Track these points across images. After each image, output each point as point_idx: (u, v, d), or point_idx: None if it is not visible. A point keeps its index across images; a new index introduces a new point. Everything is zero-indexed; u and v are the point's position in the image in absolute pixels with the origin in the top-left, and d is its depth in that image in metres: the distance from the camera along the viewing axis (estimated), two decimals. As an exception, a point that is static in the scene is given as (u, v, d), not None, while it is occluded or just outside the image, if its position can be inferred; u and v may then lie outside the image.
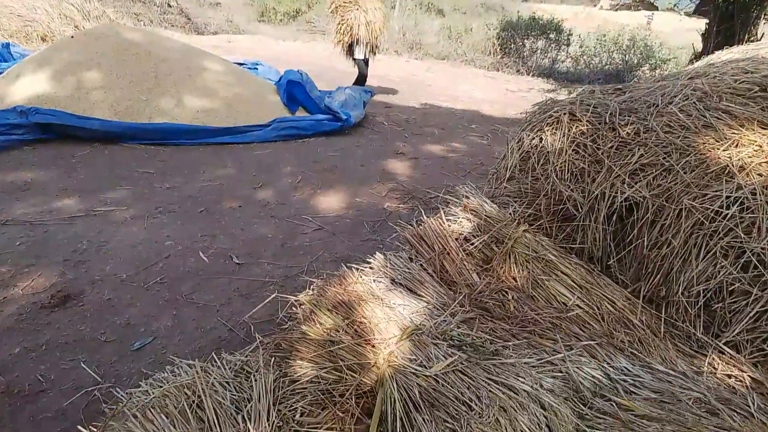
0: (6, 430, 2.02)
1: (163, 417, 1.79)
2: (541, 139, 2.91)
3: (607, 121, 2.80)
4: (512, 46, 14.51)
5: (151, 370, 2.28)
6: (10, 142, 4.82)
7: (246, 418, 1.80)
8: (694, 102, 2.69)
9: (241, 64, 8.12)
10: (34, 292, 2.77)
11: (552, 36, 14.20)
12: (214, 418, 1.79)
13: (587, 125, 2.83)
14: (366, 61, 8.50)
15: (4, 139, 4.79)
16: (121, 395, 1.93)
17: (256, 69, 8.48)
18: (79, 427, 1.89)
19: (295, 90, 6.59)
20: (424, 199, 4.47)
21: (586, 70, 13.82)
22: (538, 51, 14.35)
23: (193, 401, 1.85)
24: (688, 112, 2.64)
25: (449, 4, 24.72)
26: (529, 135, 2.98)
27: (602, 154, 2.68)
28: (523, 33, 14.35)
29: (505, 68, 13.98)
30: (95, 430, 1.86)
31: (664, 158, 2.49)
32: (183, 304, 2.80)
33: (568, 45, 14.39)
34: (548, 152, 2.85)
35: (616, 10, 26.92)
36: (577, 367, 2.15)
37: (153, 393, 1.88)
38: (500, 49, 14.66)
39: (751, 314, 2.18)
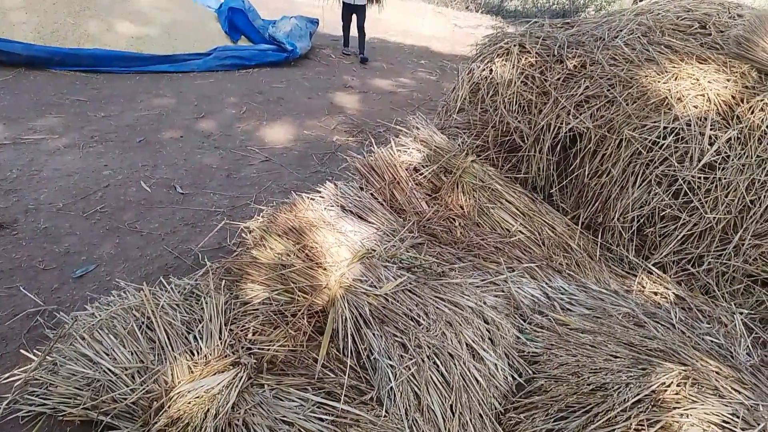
0: (-59, 357, 1.94)
1: (112, 337, 1.77)
2: (491, 70, 2.93)
3: (556, 53, 2.83)
4: (462, -18, 14.23)
5: (94, 296, 2.22)
6: None
7: (198, 338, 1.81)
8: (638, 36, 2.76)
9: (177, -11, 7.58)
10: (-40, 220, 2.61)
11: (501, -27, 14.02)
12: (165, 337, 1.78)
13: (536, 57, 2.85)
14: (361, 8, 6.73)
15: None
16: (66, 319, 1.88)
17: (195, -5, 7.95)
18: (23, 351, 1.86)
19: (236, 18, 6.26)
20: (373, 133, 4.44)
21: (533, 9, 13.81)
22: (487, -13, 14.17)
23: (143, 322, 1.84)
24: (632, 46, 2.71)
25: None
26: (479, 66, 2.98)
27: (549, 86, 2.73)
28: (472, -32, 14.08)
29: (454, 4, 13.74)
30: (39, 353, 1.83)
31: (608, 90, 2.57)
32: (126, 233, 2.72)
33: (517, -18, 14.27)
34: (497, 84, 2.87)
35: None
36: (518, 287, 2.27)
37: (100, 315, 1.85)
38: (450, -15, 14.35)
39: (679, 237, 2.34)
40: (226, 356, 1.73)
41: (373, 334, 1.84)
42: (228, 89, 5.06)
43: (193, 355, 1.74)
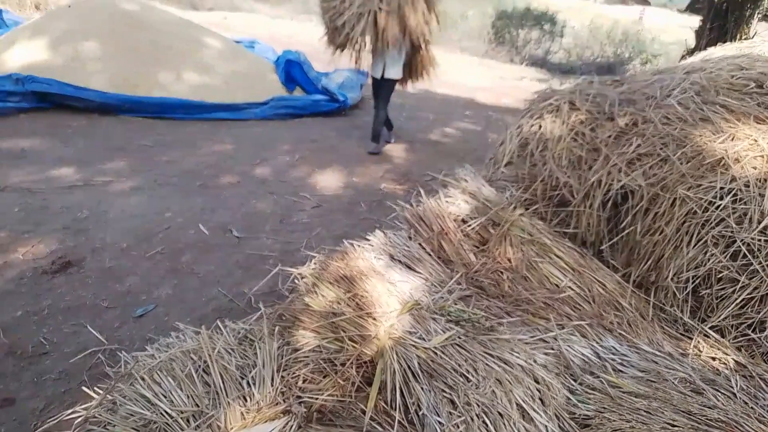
0: (10, 389, 2.05)
1: (170, 380, 1.84)
2: (540, 126, 2.97)
3: (606, 111, 2.86)
4: (506, 35, 14.51)
5: (153, 336, 2.32)
6: (5, 109, 4.79)
7: (251, 383, 1.86)
8: (692, 95, 2.76)
9: (237, 42, 8.05)
10: (34, 258, 2.79)
11: (546, 27, 14.23)
12: (220, 382, 1.84)
13: (586, 114, 2.89)
14: (387, 83, 5.07)
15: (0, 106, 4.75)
16: (127, 358, 1.97)
17: (253, 47, 8.40)
18: (84, 388, 1.95)
19: (293, 69, 6.58)
20: (419, 182, 4.52)
21: (578, 62, 13.89)
22: (532, 41, 14.37)
23: (199, 366, 1.90)
24: (685, 105, 2.71)
25: (446, -11, 24.57)
26: (528, 122, 3.03)
27: (600, 142, 2.74)
28: (517, 23, 14.36)
29: (499, 57, 13.99)
30: (100, 391, 1.91)
31: (661, 149, 2.56)
32: (184, 274, 2.84)
33: (561, 36, 14.44)
34: (547, 139, 2.91)
35: (610, 4, 27.07)
36: (568, 345, 2.24)
37: (159, 357, 1.93)
38: (494, 38, 14.65)
39: (738, 301, 2.27)
40: (277, 404, 1.77)
41: (422, 389, 1.85)
42: (283, 137, 5.28)
43: (246, 401, 1.78)
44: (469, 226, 2.82)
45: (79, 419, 1.85)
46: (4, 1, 9.33)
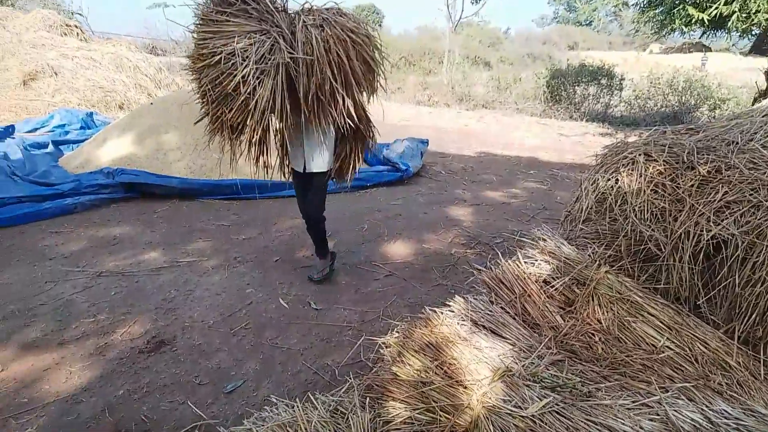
0: (115, 468, 2.12)
1: (269, 454, 1.85)
2: (617, 180, 2.92)
3: (685, 160, 2.78)
4: (563, 92, 14.59)
5: (245, 410, 2.35)
6: (98, 200, 5.21)
7: (347, 457, 1.84)
8: (776, 138, 2.66)
9: (302, 121, 8.47)
10: (131, 338, 2.93)
11: (604, 81, 14.21)
12: (317, 456, 1.83)
13: (664, 165, 2.82)
14: (315, 179, 3.56)
15: (94, 198, 5.18)
16: (225, 433, 2.00)
17: (317, 125, 8.82)
18: (186, 465, 1.98)
19: (355, 143, 6.83)
20: (490, 244, 4.49)
21: (641, 113, 13.69)
22: (590, 96, 14.35)
23: (295, 439, 1.91)
24: (772, 149, 2.61)
25: (495, 56, 25.31)
26: (603, 176, 2.99)
27: (683, 192, 2.66)
28: (573, 80, 14.44)
29: (557, 115, 14.03)
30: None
31: (751, 195, 2.45)
32: (268, 349, 2.90)
33: (620, 89, 14.35)
34: (625, 193, 2.85)
35: (667, 53, 26.88)
36: (675, 410, 2.08)
37: (257, 431, 1.95)
38: (551, 97, 14.76)
39: None
40: (376, 478, 1.73)
41: (525, 460, 1.76)
42: (350, 209, 5.43)
43: (344, 475, 1.75)
44: (552, 286, 2.75)
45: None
46: (94, 105, 10.33)
